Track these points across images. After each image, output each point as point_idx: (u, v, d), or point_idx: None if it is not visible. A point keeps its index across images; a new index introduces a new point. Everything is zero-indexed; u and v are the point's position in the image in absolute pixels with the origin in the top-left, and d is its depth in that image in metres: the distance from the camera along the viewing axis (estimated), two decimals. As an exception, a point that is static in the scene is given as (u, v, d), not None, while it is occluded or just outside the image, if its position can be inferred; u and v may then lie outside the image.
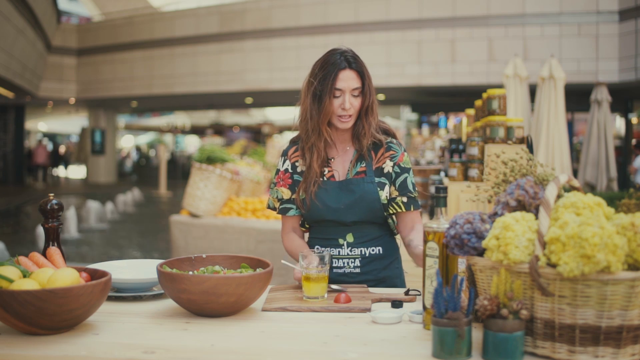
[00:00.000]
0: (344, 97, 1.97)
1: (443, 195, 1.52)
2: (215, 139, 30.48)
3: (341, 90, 1.97)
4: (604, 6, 12.43)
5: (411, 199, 2.05)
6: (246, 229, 5.50)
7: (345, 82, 1.97)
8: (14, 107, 20.84)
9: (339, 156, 2.10)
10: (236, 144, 16.23)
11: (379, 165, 2.06)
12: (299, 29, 14.92)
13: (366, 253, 2.05)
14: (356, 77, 1.98)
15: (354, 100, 1.98)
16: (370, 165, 2.05)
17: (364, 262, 2.04)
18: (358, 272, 2.04)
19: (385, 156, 2.07)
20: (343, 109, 1.98)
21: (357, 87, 1.98)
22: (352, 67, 1.98)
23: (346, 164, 2.08)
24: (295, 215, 2.12)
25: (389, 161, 2.06)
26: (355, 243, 2.05)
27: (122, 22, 18.65)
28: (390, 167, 2.06)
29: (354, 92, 1.98)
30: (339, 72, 1.97)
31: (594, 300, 1.19)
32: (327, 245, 2.06)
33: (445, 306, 1.29)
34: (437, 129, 17.18)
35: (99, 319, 1.55)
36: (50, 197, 1.82)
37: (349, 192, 2.02)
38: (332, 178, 2.06)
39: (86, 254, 8.43)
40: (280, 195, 2.12)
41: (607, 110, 8.85)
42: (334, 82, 1.96)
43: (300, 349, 1.35)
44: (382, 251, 2.07)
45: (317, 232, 2.10)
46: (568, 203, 1.29)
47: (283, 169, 2.13)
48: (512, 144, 3.87)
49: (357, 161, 2.06)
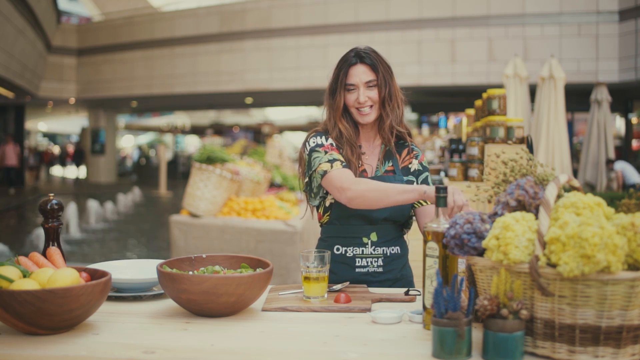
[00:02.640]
0: (358, 91, 2.02)
1: (443, 195, 1.52)
2: (215, 139, 30.48)
3: (354, 85, 2.02)
4: (604, 6, 12.43)
5: None
6: (246, 229, 5.50)
7: (357, 76, 2.01)
8: (14, 107, 20.83)
9: (369, 152, 2.13)
10: (236, 144, 16.22)
11: (405, 164, 2.13)
12: (299, 29, 14.92)
13: (387, 252, 2.07)
14: (368, 70, 2.02)
15: (369, 93, 2.02)
16: (397, 164, 2.11)
17: (386, 262, 2.06)
18: (381, 271, 2.06)
19: (410, 156, 2.15)
20: (359, 102, 2.02)
21: (370, 80, 2.02)
22: (364, 61, 2.02)
23: (374, 161, 2.12)
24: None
25: (415, 160, 2.14)
26: (378, 242, 2.06)
27: (122, 22, 18.65)
28: (417, 165, 2.14)
29: (369, 85, 2.02)
30: (350, 68, 2.02)
31: (594, 300, 1.19)
32: (350, 244, 2.05)
33: (445, 306, 1.29)
34: (437, 129, 17.19)
35: (99, 319, 1.55)
36: (51, 197, 1.82)
37: None
38: (364, 173, 2.08)
39: (86, 254, 8.43)
40: (336, 157, 2.01)
41: (607, 110, 8.86)
42: (345, 78, 2.02)
43: (300, 349, 1.35)
44: (400, 250, 2.11)
45: (340, 231, 2.07)
46: (568, 203, 1.29)
47: (328, 143, 2.05)
48: (512, 144, 3.87)
49: (385, 159, 2.10)
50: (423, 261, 1.52)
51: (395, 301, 1.77)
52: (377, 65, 2.02)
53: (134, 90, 18.02)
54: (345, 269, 2.04)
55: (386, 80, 2.03)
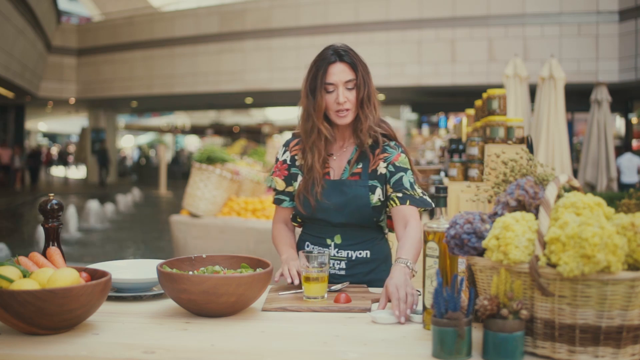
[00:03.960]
0: (337, 91, 1.94)
1: (443, 195, 1.52)
2: (215, 139, 30.46)
3: (334, 85, 1.94)
4: (604, 6, 12.43)
5: (407, 195, 1.98)
6: (246, 229, 5.49)
7: (336, 75, 1.93)
8: (14, 107, 20.82)
9: (337, 154, 2.06)
10: (236, 144, 16.22)
11: (374, 167, 2.02)
12: (299, 29, 14.92)
13: (353, 256, 2.01)
14: (348, 69, 1.94)
15: (348, 94, 1.95)
16: (366, 166, 2.02)
17: (349, 265, 2.01)
18: (343, 274, 2.01)
19: (379, 158, 2.02)
20: (338, 103, 1.94)
21: (350, 80, 1.94)
22: (343, 59, 1.94)
23: (343, 163, 2.05)
24: (289, 207, 2.10)
25: (382, 162, 2.01)
26: (342, 245, 2.02)
27: (122, 22, 18.65)
28: (384, 168, 2.01)
29: (348, 85, 1.95)
30: (329, 67, 1.94)
31: (594, 300, 1.19)
32: (316, 243, 2.04)
33: (445, 306, 1.29)
34: (437, 129, 17.20)
35: (99, 319, 1.55)
36: (51, 197, 1.82)
37: (340, 193, 1.99)
38: (327, 176, 2.03)
39: (86, 254, 8.43)
40: (274, 185, 2.10)
41: (607, 110, 8.85)
42: (324, 77, 1.94)
43: (300, 349, 1.35)
44: (370, 255, 2.03)
45: (309, 229, 2.09)
46: (568, 203, 1.29)
47: (282, 159, 2.11)
48: (512, 144, 3.87)
49: (357, 161, 2.02)
50: (423, 261, 1.52)
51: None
52: (357, 64, 1.95)
53: (134, 90, 18.02)
54: None
55: (365, 80, 1.96)
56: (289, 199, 2.10)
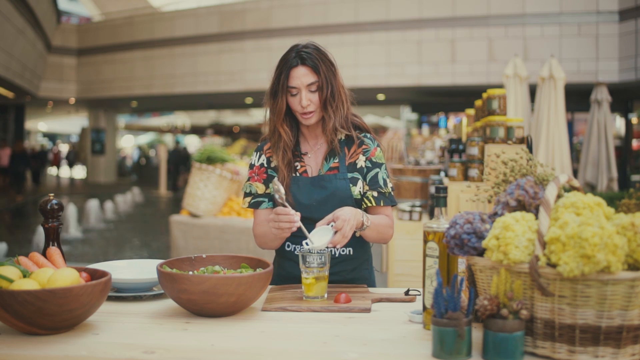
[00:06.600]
0: (300, 94, 1.95)
1: (443, 195, 1.52)
2: (215, 139, 30.46)
3: (296, 88, 1.96)
4: (604, 6, 12.43)
5: (381, 194, 2.01)
6: (246, 229, 5.49)
7: (298, 79, 1.95)
8: (14, 107, 20.83)
9: (312, 152, 2.07)
10: (236, 144, 16.22)
11: (353, 160, 2.03)
12: (299, 29, 14.90)
13: (336, 253, 2.01)
14: (310, 72, 1.95)
15: (311, 96, 1.96)
16: (343, 160, 2.02)
17: (333, 263, 1.99)
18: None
19: (358, 151, 2.04)
20: (301, 106, 1.96)
21: (312, 82, 1.95)
22: (306, 63, 1.96)
23: (319, 160, 2.05)
24: (268, 207, 2.08)
25: (362, 156, 2.03)
26: None
27: (122, 22, 18.65)
28: (363, 162, 2.03)
29: (311, 88, 1.96)
30: (291, 70, 1.96)
31: (594, 300, 1.19)
32: (299, 242, 2.01)
33: (445, 306, 1.29)
34: (437, 129, 17.19)
35: (99, 319, 1.55)
36: (50, 197, 1.82)
37: (321, 188, 1.99)
38: (304, 174, 2.03)
39: (86, 254, 8.43)
40: (254, 190, 2.09)
41: (607, 110, 8.84)
42: (287, 81, 1.96)
43: (300, 349, 1.35)
44: (352, 252, 2.03)
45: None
46: (568, 203, 1.29)
47: (258, 164, 2.10)
48: (512, 144, 3.87)
49: (329, 156, 2.03)
50: (423, 261, 1.52)
51: (395, 301, 1.77)
52: (319, 66, 1.96)
53: (134, 90, 18.02)
54: (293, 266, 1.99)
55: (328, 80, 1.97)
56: (268, 199, 2.08)
